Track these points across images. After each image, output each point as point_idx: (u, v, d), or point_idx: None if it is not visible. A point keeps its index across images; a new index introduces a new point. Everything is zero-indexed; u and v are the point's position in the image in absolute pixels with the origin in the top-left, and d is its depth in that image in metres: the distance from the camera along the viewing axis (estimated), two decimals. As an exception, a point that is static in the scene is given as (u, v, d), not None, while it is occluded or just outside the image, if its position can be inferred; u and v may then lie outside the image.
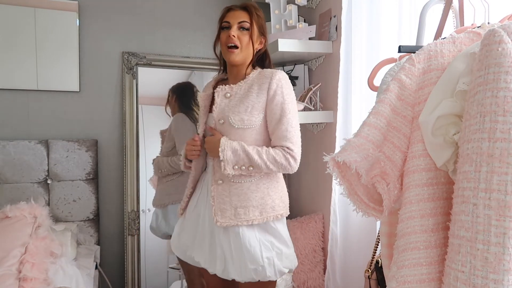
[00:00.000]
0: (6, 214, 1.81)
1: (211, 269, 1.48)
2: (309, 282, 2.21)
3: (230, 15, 1.48)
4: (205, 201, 1.52)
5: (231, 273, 1.42)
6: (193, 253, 1.53)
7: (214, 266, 1.46)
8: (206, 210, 1.50)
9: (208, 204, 1.49)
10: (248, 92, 1.44)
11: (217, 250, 1.45)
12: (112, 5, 2.44)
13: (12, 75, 2.24)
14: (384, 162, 0.91)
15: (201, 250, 1.51)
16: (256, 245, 1.42)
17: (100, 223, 2.40)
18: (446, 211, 0.87)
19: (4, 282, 1.52)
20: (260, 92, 1.43)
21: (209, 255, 1.48)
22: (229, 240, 1.43)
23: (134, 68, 2.46)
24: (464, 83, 0.82)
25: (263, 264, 1.40)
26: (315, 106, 2.23)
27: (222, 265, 1.44)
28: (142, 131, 2.47)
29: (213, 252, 1.47)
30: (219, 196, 1.45)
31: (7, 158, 2.17)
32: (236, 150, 1.39)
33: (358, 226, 1.91)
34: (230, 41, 1.44)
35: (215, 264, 1.46)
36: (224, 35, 1.46)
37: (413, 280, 0.86)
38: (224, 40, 1.46)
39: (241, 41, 1.45)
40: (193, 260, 1.55)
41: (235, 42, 1.44)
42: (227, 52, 1.45)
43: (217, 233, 1.46)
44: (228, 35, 1.44)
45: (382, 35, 1.77)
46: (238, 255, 1.41)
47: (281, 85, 1.43)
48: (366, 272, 1.44)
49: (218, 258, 1.45)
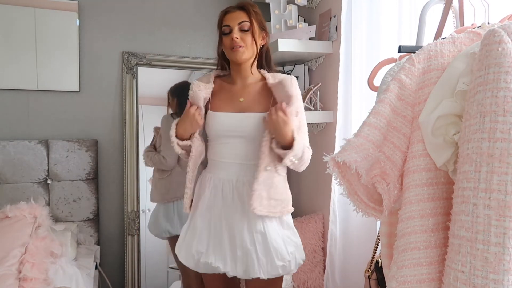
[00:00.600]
0: (6, 214, 1.81)
1: (232, 272, 1.42)
2: (309, 282, 2.21)
3: (228, 18, 1.47)
4: (219, 205, 1.46)
5: (256, 272, 1.40)
6: (209, 259, 1.43)
7: (235, 269, 1.42)
8: (223, 210, 1.45)
9: (227, 205, 1.45)
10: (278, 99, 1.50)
11: (238, 252, 1.42)
12: (112, 5, 2.44)
13: (12, 75, 2.24)
14: (384, 162, 0.91)
15: (220, 254, 1.44)
16: (281, 241, 1.44)
17: (100, 223, 2.40)
18: (446, 211, 0.87)
19: (4, 282, 1.52)
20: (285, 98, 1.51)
21: (230, 258, 1.43)
22: (253, 239, 1.42)
23: (134, 68, 2.46)
24: (464, 83, 0.82)
25: (290, 259, 1.44)
26: (315, 106, 2.23)
27: (244, 266, 1.41)
28: (142, 131, 2.47)
29: (234, 254, 1.43)
30: (263, 183, 1.41)
31: (7, 158, 2.17)
32: (301, 146, 1.43)
33: (358, 226, 1.91)
34: (234, 44, 1.44)
35: (235, 266, 1.42)
36: (227, 40, 1.47)
37: (413, 280, 0.86)
38: (228, 44, 1.46)
39: (244, 41, 1.45)
40: (209, 266, 1.44)
41: (238, 44, 1.45)
42: (232, 52, 1.46)
43: (238, 233, 1.42)
44: (231, 39, 1.45)
45: (382, 35, 1.77)
46: (265, 253, 1.41)
47: (298, 90, 1.51)
48: (366, 272, 1.44)
49: (238, 260, 1.42)
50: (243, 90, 1.53)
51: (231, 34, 1.45)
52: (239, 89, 1.54)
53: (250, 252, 1.41)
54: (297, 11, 2.26)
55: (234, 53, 1.46)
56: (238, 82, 1.55)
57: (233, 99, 1.52)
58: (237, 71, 1.54)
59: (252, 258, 1.41)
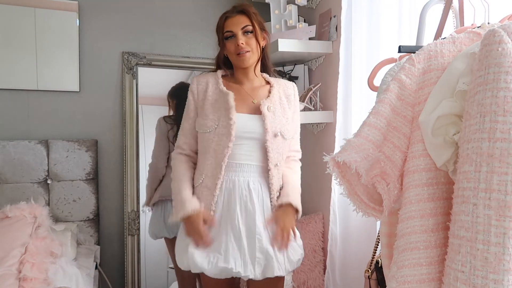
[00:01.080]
0: (6, 214, 1.81)
1: (251, 274, 1.40)
2: (309, 282, 2.21)
3: (230, 23, 1.47)
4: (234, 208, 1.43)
5: (276, 271, 1.40)
6: (229, 264, 1.38)
7: (254, 271, 1.40)
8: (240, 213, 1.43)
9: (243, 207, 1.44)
10: (282, 104, 1.55)
11: (257, 254, 1.40)
12: (112, 5, 2.44)
13: (12, 75, 2.24)
14: (384, 162, 0.91)
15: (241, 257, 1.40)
16: (292, 238, 1.48)
17: (100, 223, 2.40)
18: (446, 211, 0.87)
19: (4, 282, 1.52)
20: (289, 103, 1.58)
21: (250, 261, 1.41)
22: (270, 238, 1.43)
23: (134, 68, 2.46)
24: (464, 83, 0.82)
25: (302, 252, 1.52)
26: (315, 106, 2.23)
27: (262, 267, 1.41)
28: (142, 131, 2.47)
29: (253, 257, 1.41)
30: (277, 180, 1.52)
31: (7, 158, 2.16)
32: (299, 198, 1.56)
33: (358, 226, 1.91)
34: (241, 49, 1.45)
35: (254, 268, 1.40)
36: (231, 45, 1.47)
37: (413, 280, 0.86)
38: (233, 50, 1.46)
39: (250, 45, 1.46)
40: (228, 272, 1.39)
41: (245, 49, 1.45)
42: (239, 59, 1.47)
43: (257, 234, 1.41)
44: (237, 44, 1.45)
45: (382, 35, 1.77)
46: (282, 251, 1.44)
47: (298, 96, 1.61)
48: (366, 272, 1.44)
49: (257, 261, 1.41)
50: (253, 92, 1.54)
51: (235, 39, 1.45)
52: (250, 91, 1.54)
53: (270, 253, 1.41)
54: (297, 11, 2.26)
55: (242, 59, 1.46)
56: (246, 83, 1.55)
57: (246, 100, 1.52)
58: (243, 74, 1.54)
59: (271, 257, 1.40)
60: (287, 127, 1.52)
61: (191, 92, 1.54)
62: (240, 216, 1.43)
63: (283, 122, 1.51)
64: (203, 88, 1.53)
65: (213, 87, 1.52)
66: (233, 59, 1.50)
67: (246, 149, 1.46)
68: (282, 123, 1.50)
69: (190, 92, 1.55)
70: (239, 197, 1.44)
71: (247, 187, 1.45)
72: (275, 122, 1.48)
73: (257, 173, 1.48)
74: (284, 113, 1.53)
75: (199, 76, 1.58)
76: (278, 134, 1.48)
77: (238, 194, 1.44)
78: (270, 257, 1.40)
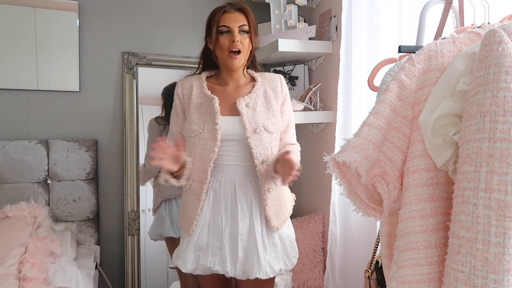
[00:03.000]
0: (6, 214, 1.81)
1: (231, 272, 1.42)
2: (309, 282, 2.21)
3: (227, 18, 1.44)
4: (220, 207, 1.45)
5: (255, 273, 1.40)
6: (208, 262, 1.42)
7: (234, 270, 1.42)
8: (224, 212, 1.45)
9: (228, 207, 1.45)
10: (266, 98, 1.51)
11: (239, 253, 1.42)
12: (112, 5, 2.44)
13: (12, 75, 2.24)
14: (384, 162, 0.91)
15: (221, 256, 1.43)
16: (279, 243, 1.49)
17: (100, 223, 2.40)
18: (446, 211, 0.87)
19: (4, 282, 1.52)
20: (276, 96, 1.53)
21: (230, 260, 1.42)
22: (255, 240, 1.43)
23: (134, 68, 2.46)
24: (464, 83, 0.82)
25: (287, 266, 1.51)
26: (315, 106, 2.23)
27: (244, 267, 1.41)
28: (142, 131, 2.47)
29: (235, 256, 1.42)
30: (272, 202, 1.47)
31: (7, 158, 2.16)
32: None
33: (358, 226, 1.91)
34: (234, 47, 1.41)
35: (235, 268, 1.42)
36: (225, 40, 1.43)
37: (413, 280, 0.86)
38: (227, 46, 1.42)
39: (243, 45, 1.44)
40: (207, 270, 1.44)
41: (239, 47, 1.42)
42: (229, 58, 1.43)
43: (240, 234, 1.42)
44: (232, 40, 1.41)
45: (382, 35, 1.77)
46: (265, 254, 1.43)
47: (287, 88, 1.58)
48: (366, 272, 1.44)
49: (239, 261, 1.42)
50: (236, 92, 1.51)
51: (230, 35, 1.42)
52: (233, 91, 1.52)
53: (251, 253, 1.42)
54: (297, 11, 2.26)
55: (232, 61, 1.43)
56: (230, 84, 1.53)
57: (228, 101, 1.49)
58: (229, 75, 1.52)
59: (252, 258, 1.41)
60: (273, 120, 1.48)
61: (176, 95, 1.53)
62: (224, 216, 1.45)
63: (267, 116, 1.47)
64: (188, 92, 1.51)
65: (197, 91, 1.50)
66: (223, 57, 1.45)
67: (231, 150, 1.46)
68: (264, 117, 1.46)
69: (176, 95, 1.53)
70: (224, 198, 1.45)
71: (233, 188, 1.46)
72: (255, 117, 1.44)
73: (244, 173, 1.47)
74: (270, 107, 1.49)
75: (183, 79, 1.56)
76: (259, 129, 1.44)
77: (224, 195, 1.45)
78: (251, 259, 1.41)
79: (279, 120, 1.51)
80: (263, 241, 1.44)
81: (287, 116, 1.56)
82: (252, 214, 1.45)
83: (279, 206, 1.49)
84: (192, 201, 1.47)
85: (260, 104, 1.48)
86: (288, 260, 1.50)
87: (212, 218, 1.46)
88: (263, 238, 1.45)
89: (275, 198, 1.48)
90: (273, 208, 1.47)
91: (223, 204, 1.45)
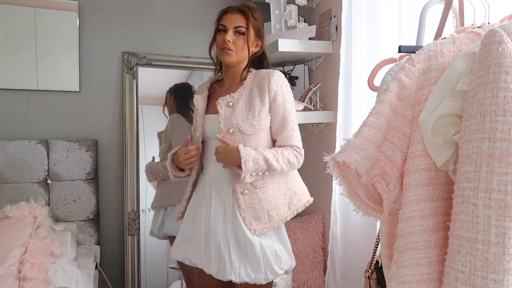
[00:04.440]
0: (6, 214, 1.81)
1: (207, 270, 1.45)
2: (309, 282, 2.21)
3: (226, 18, 1.47)
4: (201, 203, 1.52)
5: (228, 274, 1.40)
6: (189, 254, 1.51)
7: (210, 268, 1.44)
8: (203, 209, 1.50)
9: (206, 204, 1.50)
10: (251, 97, 1.45)
11: (212, 251, 1.44)
12: (112, 5, 2.44)
13: (12, 75, 2.24)
14: (384, 162, 0.91)
15: (197, 251, 1.48)
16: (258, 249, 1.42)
17: (100, 223, 2.40)
18: (446, 211, 0.87)
19: (4, 282, 1.52)
20: (262, 94, 1.44)
21: (205, 256, 1.46)
22: (227, 240, 1.42)
23: (134, 68, 2.46)
24: (464, 83, 0.82)
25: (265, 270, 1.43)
26: (315, 106, 2.23)
27: (217, 266, 1.42)
28: (142, 131, 2.47)
29: (208, 253, 1.44)
30: (249, 205, 1.44)
31: (7, 158, 2.16)
32: (256, 160, 1.38)
33: (358, 226, 1.91)
34: (225, 46, 1.45)
35: (210, 265, 1.44)
36: (219, 38, 1.48)
37: (413, 280, 0.86)
38: (220, 44, 1.47)
39: (236, 45, 1.46)
40: (189, 262, 1.53)
41: (229, 47, 1.45)
42: (222, 53, 1.48)
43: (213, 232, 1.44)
44: (224, 39, 1.45)
45: (382, 35, 1.77)
46: (238, 256, 1.42)
47: (280, 84, 1.45)
48: (366, 272, 1.44)
49: (213, 259, 1.44)
50: (228, 91, 1.52)
51: (224, 35, 1.46)
52: (226, 90, 1.54)
53: (222, 253, 1.42)
54: (297, 11, 2.26)
55: (223, 55, 1.48)
56: (226, 82, 1.57)
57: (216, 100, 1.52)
58: (226, 72, 1.56)
59: (224, 259, 1.41)
60: (252, 121, 1.42)
61: (196, 100, 1.57)
62: (203, 213, 1.50)
63: (245, 116, 1.42)
64: None
65: None
66: (218, 53, 1.52)
67: (212, 148, 1.50)
68: (242, 117, 1.42)
69: (195, 100, 1.56)
70: (204, 194, 1.52)
71: (208, 185, 1.51)
72: (231, 118, 1.43)
73: (221, 172, 1.49)
74: (251, 107, 1.43)
75: (203, 83, 1.66)
76: (233, 129, 1.42)
77: (204, 191, 1.52)
78: (222, 259, 1.42)
79: (262, 121, 1.43)
80: (238, 243, 1.42)
81: (279, 115, 1.45)
82: (226, 214, 1.46)
83: (261, 211, 1.44)
84: (186, 192, 1.61)
85: (242, 104, 1.44)
86: (271, 271, 1.42)
87: (195, 214, 1.53)
88: (238, 240, 1.42)
89: (254, 201, 1.44)
90: (252, 211, 1.43)
91: (202, 200, 1.51)
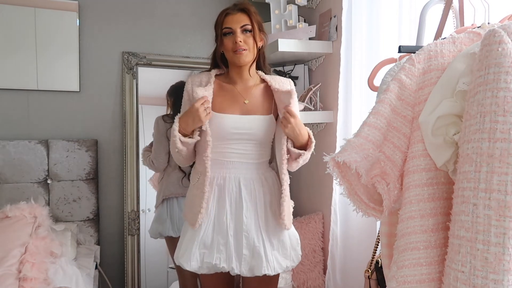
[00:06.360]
0: (6, 214, 1.81)
1: (237, 270, 1.43)
2: (309, 282, 2.21)
3: (229, 20, 1.46)
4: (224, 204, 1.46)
5: (264, 269, 1.42)
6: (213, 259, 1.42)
7: (240, 267, 1.43)
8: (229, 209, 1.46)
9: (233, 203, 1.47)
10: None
11: (244, 250, 1.44)
12: (112, 5, 2.44)
13: (12, 75, 2.24)
14: (384, 162, 0.91)
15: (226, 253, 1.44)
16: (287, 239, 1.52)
17: (100, 223, 2.40)
18: (446, 211, 0.87)
19: (4, 282, 1.52)
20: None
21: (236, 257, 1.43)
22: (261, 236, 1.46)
23: (134, 68, 2.46)
24: (464, 83, 0.82)
25: (293, 262, 1.53)
26: (315, 106, 2.23)
27: (249, 264, 1.44)
28: (142, 131, 2.47)
29: (240, 253, 1.44)
30: (288, 200, 1.51)
31: (7, 158, 2.16)
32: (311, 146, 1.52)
33: (358, 226, 1.91)
34: (238, 47, 1.44)
35: (240, 265, 1.43)
36: (228, 42, 1.46)
37: (413, 280, 0.86)
38: (231, 47, 1.46)
39: (247, 43, 1.46)
40: (212, 267, 1.44)
41: (243, 47, 1.45)
42: (235, 55, 1.46)
43: (245, 231, 1.44)
44: (235, 41, 1.44)
45: (382, 35, 1.77)
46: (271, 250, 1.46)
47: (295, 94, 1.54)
48: (366, 272, 1.44)
49: (244, 258, 1.44)
50: (246, 92, 1.53)
51: (233, 36, 1.45)
52: (242, 91, 1.54)
53: (258, 249, 1.43)
54: (297, 11, 2.26)
55: (238, 56, 1.45)
56: (239, 83, 1.55)
57: (237, 100, 1.52)
58: (238, 73, 1.54)
59: (260, 255, 1.42)
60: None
61: (186, 91, 1.55)
62: (229, 212, 1.46)
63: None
64: None
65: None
66: (229, 56, 1.49)
67: (238, 147, 1.49)
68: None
69: (185, 91, 1.55)
70: (228, 194, 1.47)
71: (238, 184, 1.48)
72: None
73: (249, 170, 1.50)
74: None
75: (193, 76, 1.58)
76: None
77: (228, 191, 1.47)
78: (258, 255, 1.43)
79: None
80: (269, 238, 1.47)
81: None
82: (257, 211, 1.47)
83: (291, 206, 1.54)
84: (197, 195, 1.48)
85: None
86: (296, 256, 1.54)
87: (217, 215, 1.47)
88: (269, 234, 1.47)
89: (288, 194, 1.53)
90: (290, 206, 1.52)
91: (227, 200, 1.47)
